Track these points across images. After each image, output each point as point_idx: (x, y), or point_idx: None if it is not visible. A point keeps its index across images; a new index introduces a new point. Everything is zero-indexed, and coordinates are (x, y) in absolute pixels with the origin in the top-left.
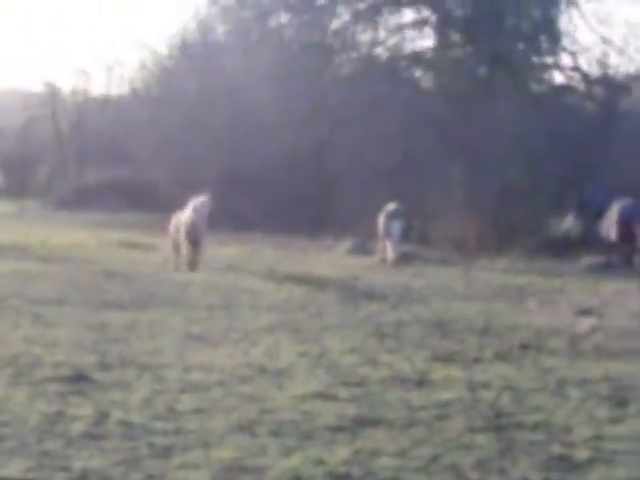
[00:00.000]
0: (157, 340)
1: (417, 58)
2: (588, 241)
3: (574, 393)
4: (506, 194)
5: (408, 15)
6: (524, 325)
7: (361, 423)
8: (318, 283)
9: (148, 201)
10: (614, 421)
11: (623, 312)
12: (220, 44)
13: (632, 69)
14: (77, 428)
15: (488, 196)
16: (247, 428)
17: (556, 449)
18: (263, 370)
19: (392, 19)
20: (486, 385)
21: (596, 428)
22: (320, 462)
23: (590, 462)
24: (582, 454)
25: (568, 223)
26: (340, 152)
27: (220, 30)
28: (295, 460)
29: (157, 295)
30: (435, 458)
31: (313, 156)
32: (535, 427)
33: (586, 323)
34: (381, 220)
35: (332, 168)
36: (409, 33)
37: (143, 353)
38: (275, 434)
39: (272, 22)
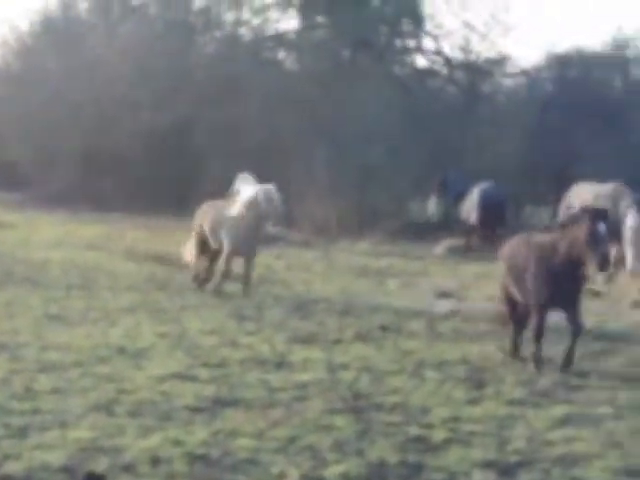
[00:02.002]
0: (14, 320)
1: (281, 39)
2: (449, 224)
3: (432, 375)
4: (368, 177)
5: None
6: (384, 307)
7: (220, 404)
8: (179, 264)
9: (7, 179)
10: (471, 403)
11: (481, 295)
12: (82, 21)
13: (494, 54)
14: None
15: (351, 178)
16: (105, 408)
17: (413, 430)
18: (122, 350)
19: None
20: (345, 366)
21: (453, 409)
22: (178, 443)
23: (447, 443)
24: (439, 435)
25: (430, 206)
26: (204, 131)
27: (83, 6)
28: (153, 440)
29: (15, 274)
30: (293, 439)
31: (176, 135)
32: (393, 408)
33: (445, 306)
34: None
35: (195, 147)
36: (273, 14)
37: (0, 333)
38: (133, 414)
39: None
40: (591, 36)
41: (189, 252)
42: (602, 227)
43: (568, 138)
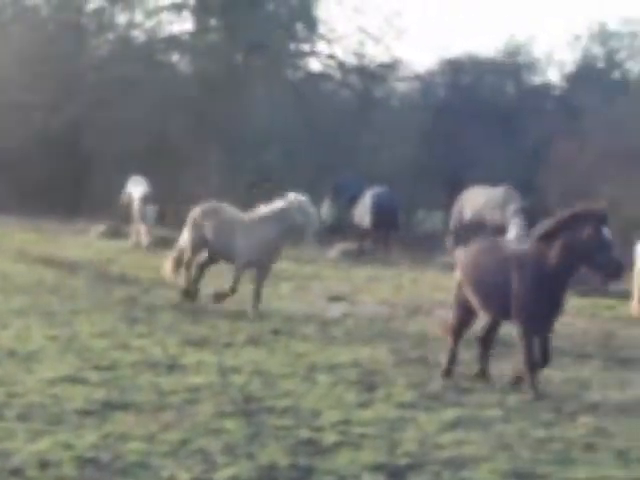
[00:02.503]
0: None
1: (174, 41)
2: (342, 228)
3: (323, 378)
4: (261, 179)
5: None
6: (277, 311)
7: (110, 407)
8: (70, 266)
9: None
10: (362, 405)
11: (373, 298)
12: None
13: (387, 58)
14: None
15: (243, 181)
16: None
17: (304, 433)
18: (12, 353)
19: (150, 1)
20: (237, 370)
21: (344, 412)
22: (68, 446)
23: (337, 446)
24: (330, 438)
25: (324, 210)
26: (95, 134)
27: None
28: (42, 444)
29: None
30: (184, 443)
31: (67, 138)
32: (284, 412)
33: (337, 309)
34: (135, 203)
35: (87, 150)
36: (167, 16)
37: None
38: (23, 418)
39: (27, 0)
40: (484, 42)
41: (172, 265)
42: (607, 231)
43: (461, 143)
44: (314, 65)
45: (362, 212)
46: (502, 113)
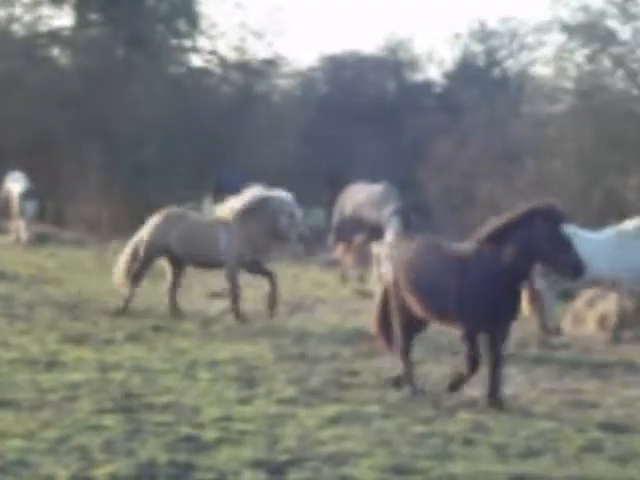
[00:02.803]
0: None
1: (55, 36)
2: None
3: (204, 374)
4: (141, 175)
5: None
6: (158, 308)
7: None
8: None
9: None
10: (242, 402)
11: (253, 295)
12: None
13: (269, 54)
14: None
15: (123, 177)
16: None
17: (184, 430)
18: None
19: None
20: (117, 366)
21: (225, 409)
22: None
23: (218, 442)
24: (210, 434)
25: (205, 205)
26: None
27: None
28: None
29: None
30: (63, 440)
31: None
32: (164, 408)
33: (217, 306)
34: (15, 199)
35: None
36: (47, 10)
37: None
38: None
39: None
40: (366, 39)
41: (123, 274)
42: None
43: (343, 140)
44: (196, 61)
45: None
46: (383, 110)
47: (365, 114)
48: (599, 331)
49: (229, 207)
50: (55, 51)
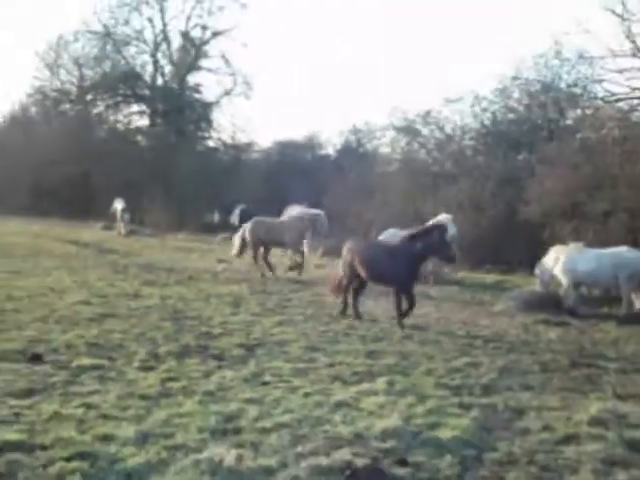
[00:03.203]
0: None
1: (139, 129)
2: (226, 225)
3: (214, 300)
4: (183, 200)
5: None
6: (191, 267)
7: (104, 315)
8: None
9: None
10: (233, 314)
11: (243, 263)
12: None
13: (247, 139)
14: None
15: (173, 201)
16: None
17: (204, 328)
18: (52, 289)
19: (124, 110)
20: (170, 297)
21: (224, 317)
22: (81, 336)
23: (220, 334)
24: (217, 331)
25: (214, 216)
26: None
27: None
28: (70, 335)
29: None
30: (142, 334)
31: None
32: (194, 317)
33: (221, 266)
34: (118, 212)
35: None
36: (138, 119)
37: None
38: (58, 322)
39: None
40: (296, 131)
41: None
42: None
43: (285, 185)
44: (210, 143)
45: (234, 216)
46: (305, 170)
47: (296, 171)
48: None
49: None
50: (139, 137)
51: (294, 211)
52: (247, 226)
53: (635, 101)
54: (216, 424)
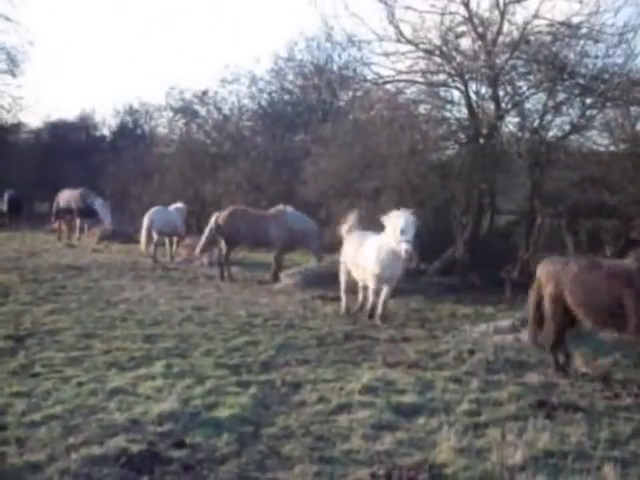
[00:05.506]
0: None
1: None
2: None
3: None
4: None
5: None
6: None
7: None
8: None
9: None
10: (1, 305)
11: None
12: None
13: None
14: None
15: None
16: None
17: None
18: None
19: None
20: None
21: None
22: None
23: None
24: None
25: None
26: None
27: None
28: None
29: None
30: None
31: None
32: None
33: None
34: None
35: None
36: None
37: None
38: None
39: None
40: (70, 110)
41: None
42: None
43: (58, 167)
44: None
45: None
46: (80, 151)
47: (69, 153)
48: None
49: None
50: None
51: (65, 195)
52: None
53: (401, 84)
54: None
